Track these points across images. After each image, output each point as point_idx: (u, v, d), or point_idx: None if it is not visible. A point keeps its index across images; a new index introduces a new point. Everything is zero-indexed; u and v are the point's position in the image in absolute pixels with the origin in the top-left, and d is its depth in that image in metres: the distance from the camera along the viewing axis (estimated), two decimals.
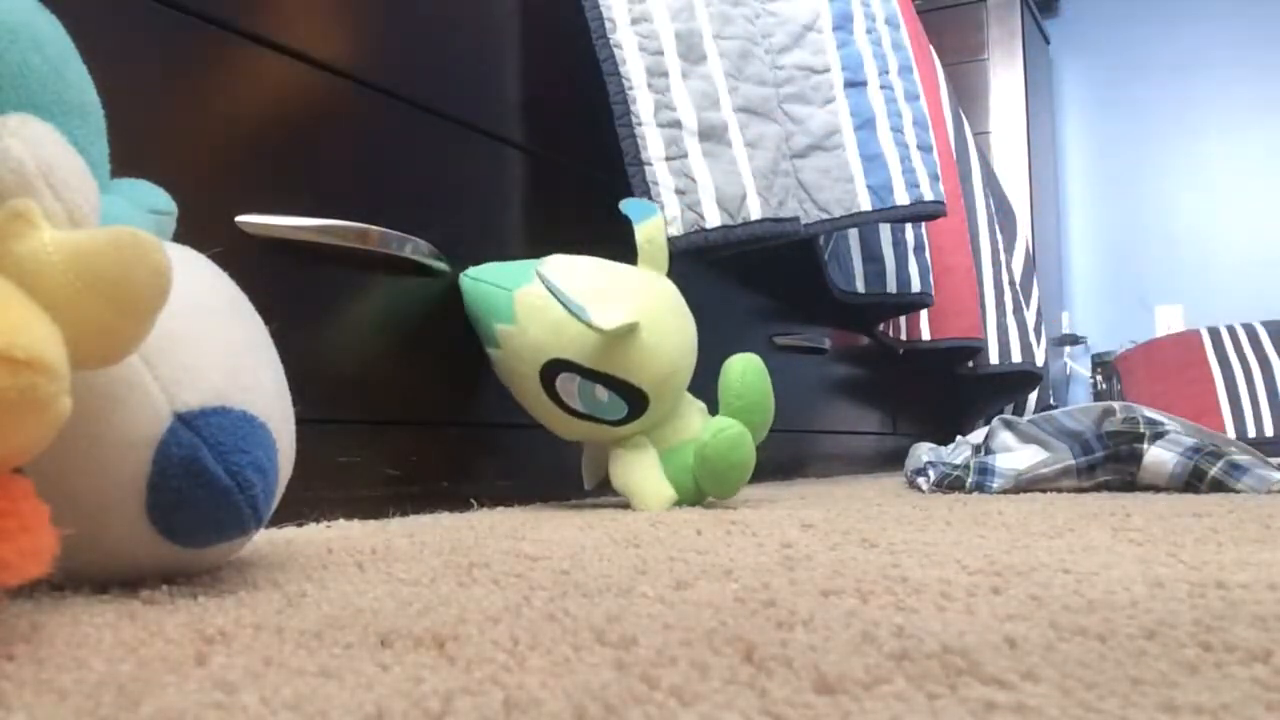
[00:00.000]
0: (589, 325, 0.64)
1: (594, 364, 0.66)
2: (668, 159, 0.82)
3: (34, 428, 0.24)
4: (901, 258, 1.35)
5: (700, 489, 0.70)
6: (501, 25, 0.80)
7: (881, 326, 1.50)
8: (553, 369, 0.67)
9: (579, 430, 0.71)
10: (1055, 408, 1.09)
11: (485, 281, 0.70)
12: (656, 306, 0.69)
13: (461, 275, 0.71)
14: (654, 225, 0.72)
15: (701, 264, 1.00)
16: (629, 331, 0.66)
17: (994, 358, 1.60)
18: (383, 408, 0.67)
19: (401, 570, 0.38)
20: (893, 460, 1.60)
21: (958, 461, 0.99)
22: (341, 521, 0.58)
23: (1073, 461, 0.96)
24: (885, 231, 1.33)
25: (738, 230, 0.86)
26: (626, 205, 0.73)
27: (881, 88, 1.10)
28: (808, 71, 1.02)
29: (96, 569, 0.33)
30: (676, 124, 0.83)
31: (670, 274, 0.73)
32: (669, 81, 0.83)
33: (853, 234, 1.30)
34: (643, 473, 0.69)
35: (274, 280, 0.59)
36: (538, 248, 0.76)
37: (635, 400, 0.68)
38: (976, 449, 1.04)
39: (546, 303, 0.67)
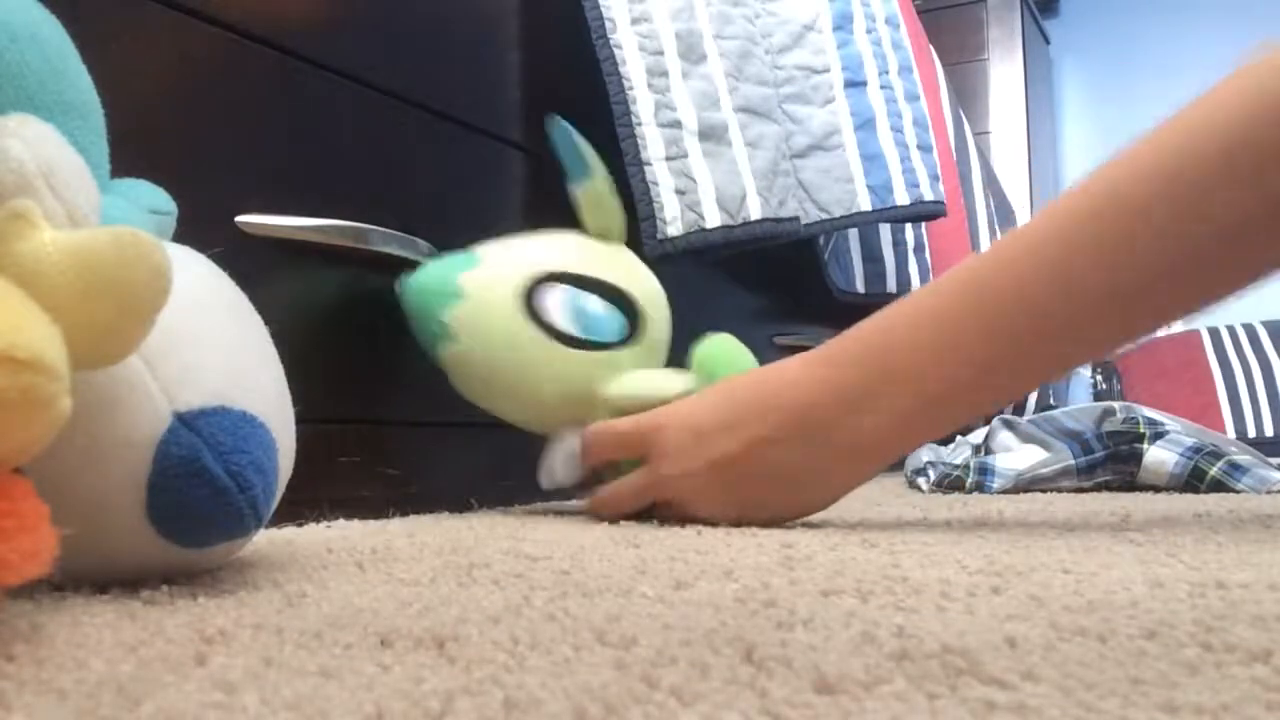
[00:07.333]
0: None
1: (583, 269, 0.63)
2: (668, 159, 0.82)
3: (34, 428, 0.24)
4: (901, 258, 1.35)
5: None
6: (501, 24, 0.80)
7: None
8: (537, 286, 0.62)
9: (568, 375, 0.62)
10: (1055, 407, 1.09)
11: (424, 277, 0.63)
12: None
13: (399, 284, 0.64)
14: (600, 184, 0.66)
15: (701, 264, 1.00)
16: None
17: None
18: (383, 408, 0.67)
19: (401, 570, 0.38)
20: None
21: (958, 461, 0.99)
22: (341, 521, 0.58)
23: (1073, 461, 0.96)
24: (885, 231, 1.33)
25: (738, 230, 0.86)
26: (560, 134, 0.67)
27: (881, 88, 1.10)
28: (808, 71, 1.02)
29: (96, 569, 0.33)
30: (676, 124, 0.83)
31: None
32: (669, 81, 0.83)
33: (853, 234, 1.30)
34: (646, 374, 0.64)
35: (274, 280, 0.59)
36: None
37: (630, 314, 0.64)
38: (976, 449, 1.04)
39: (504, 251, 0.64)
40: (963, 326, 0.51)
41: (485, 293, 0.62)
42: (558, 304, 0.62)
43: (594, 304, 0.62)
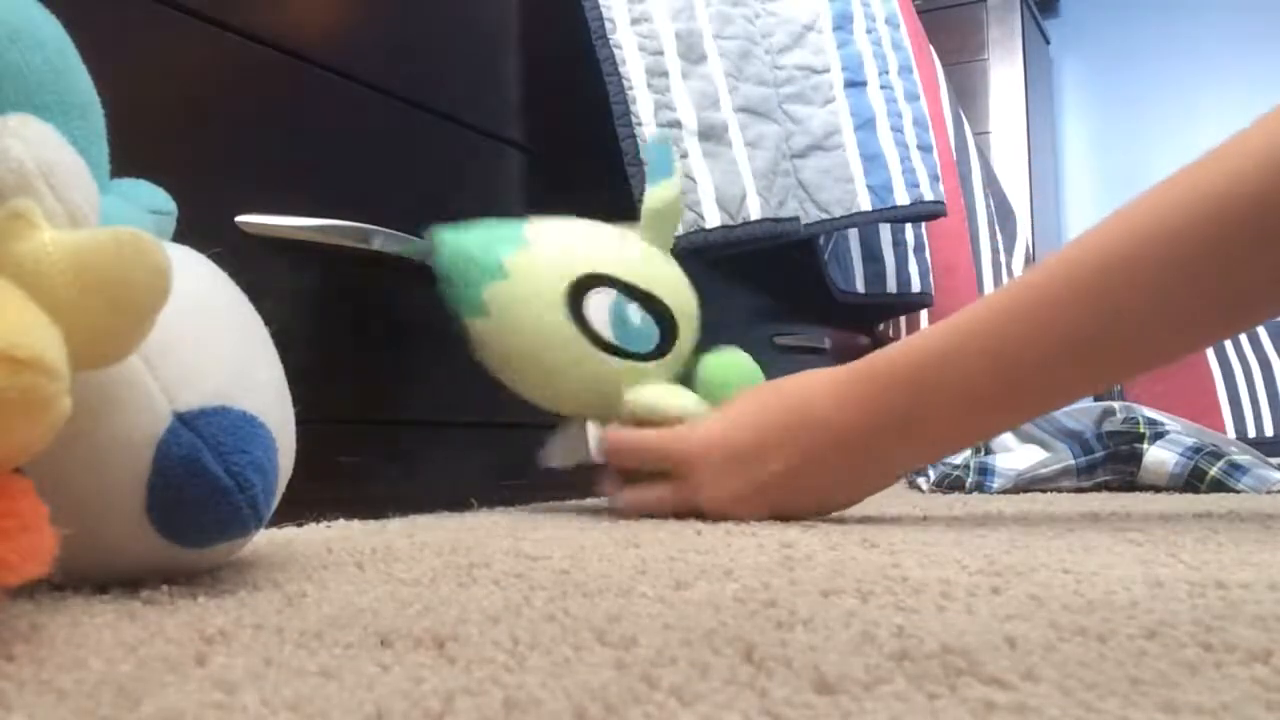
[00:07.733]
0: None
1: (631, 276, 0.63)
2: None
3: (34, 428, 0.24)
4: (902, 258, 1.35)
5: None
6: (501, 25, 0.80)
7: (882, 326, 1.50)
8: (584, 286, 0.62)
9: (595, 377, 0.63)
10: None
11: (468, 244, 0.63)
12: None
13: (436, 238, 0.63)
14: (667, 190, 0.66)
15: (702, 264, 1.00)
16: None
17: None
18: (382, 407, 0.67)
19: (401, 570, 0.38)
20: None
21: (957, 461, 0.99)
22: (341, 521, 0.58)
23: (1072, 461, 0.96)
24: (885, 231, 1.33)
25: (738, 230, 0.86)
26: (650, 152, 0.67)
27: (881, 88, 1.10)
28: (808, 71, 1.02)
29: (96, 569, 0.33)
30: (676, 124, 0.83)
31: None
32: (669, 81, 0.84)
33: (853, 234, 1.30)
34: (665, 389, 0.64)
35: (274, 280, 0.59)
36: None
37: (665, 328, 0.64)
38: (976, 449, 1.04)
39: (555, 237, 0.63)
40: (1004, 365, 0.53)
41: (530, 280, 0.61)
42: (602, 309, 0.62)
43: (635, 314, 0.63)
